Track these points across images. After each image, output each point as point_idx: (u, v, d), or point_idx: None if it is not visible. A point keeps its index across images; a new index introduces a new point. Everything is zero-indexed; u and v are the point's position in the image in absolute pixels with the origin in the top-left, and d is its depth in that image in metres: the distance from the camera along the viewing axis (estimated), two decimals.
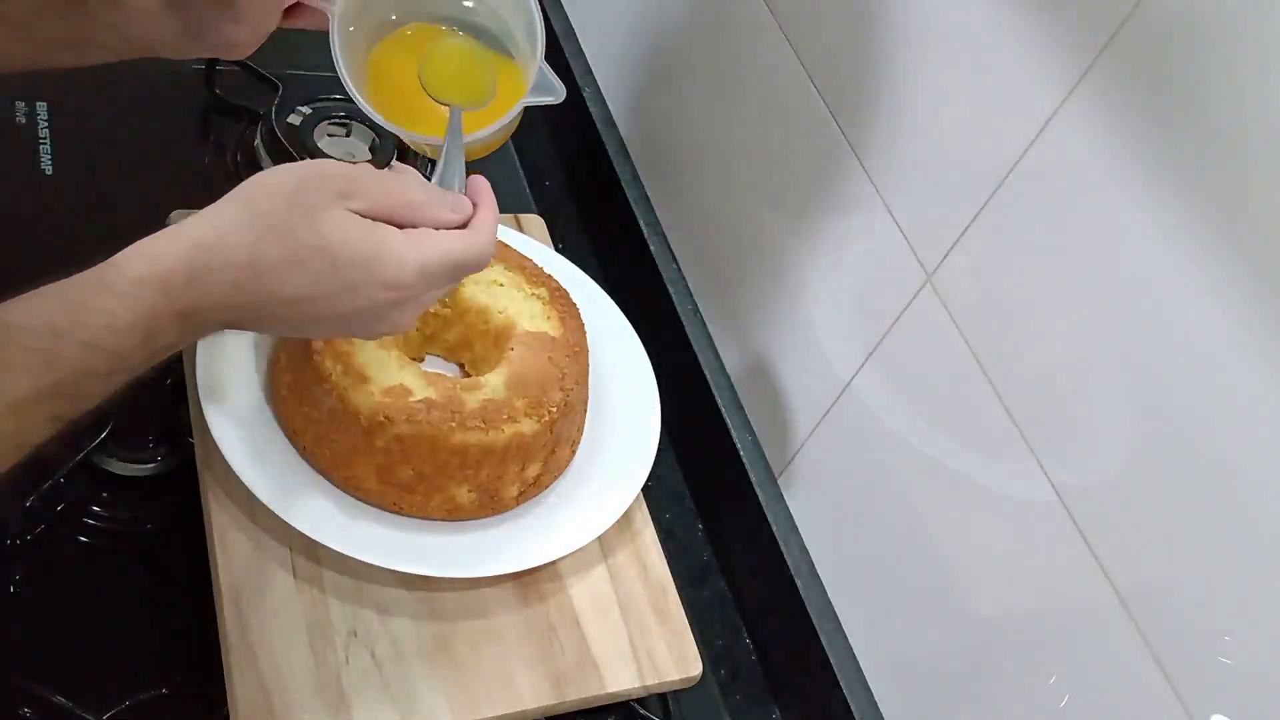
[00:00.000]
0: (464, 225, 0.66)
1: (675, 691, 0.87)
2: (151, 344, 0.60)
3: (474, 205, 0.68)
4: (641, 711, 0.86)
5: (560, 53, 1.22)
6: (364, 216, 0.62)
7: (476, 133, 0.75)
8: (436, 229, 0.65)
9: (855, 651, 0.90)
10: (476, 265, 0.66)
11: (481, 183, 0.70)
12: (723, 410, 1.00)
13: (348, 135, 1.10)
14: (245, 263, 0.60)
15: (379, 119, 0.73)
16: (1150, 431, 0.68)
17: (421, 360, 0.91)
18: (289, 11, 0.75)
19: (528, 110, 0.76)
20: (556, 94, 0.75)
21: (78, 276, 0.59)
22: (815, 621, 0.91)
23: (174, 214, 0.94)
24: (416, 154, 1.08)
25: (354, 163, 0.66)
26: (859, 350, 0.89)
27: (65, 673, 0.76)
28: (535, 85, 0.75)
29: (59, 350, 0.56)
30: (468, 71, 0.78)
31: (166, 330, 0.60)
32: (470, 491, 0.82)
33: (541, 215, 1.08)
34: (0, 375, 0.55)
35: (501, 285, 0.90)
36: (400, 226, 0.64)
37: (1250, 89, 0.62)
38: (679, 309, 1.06)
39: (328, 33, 0.75)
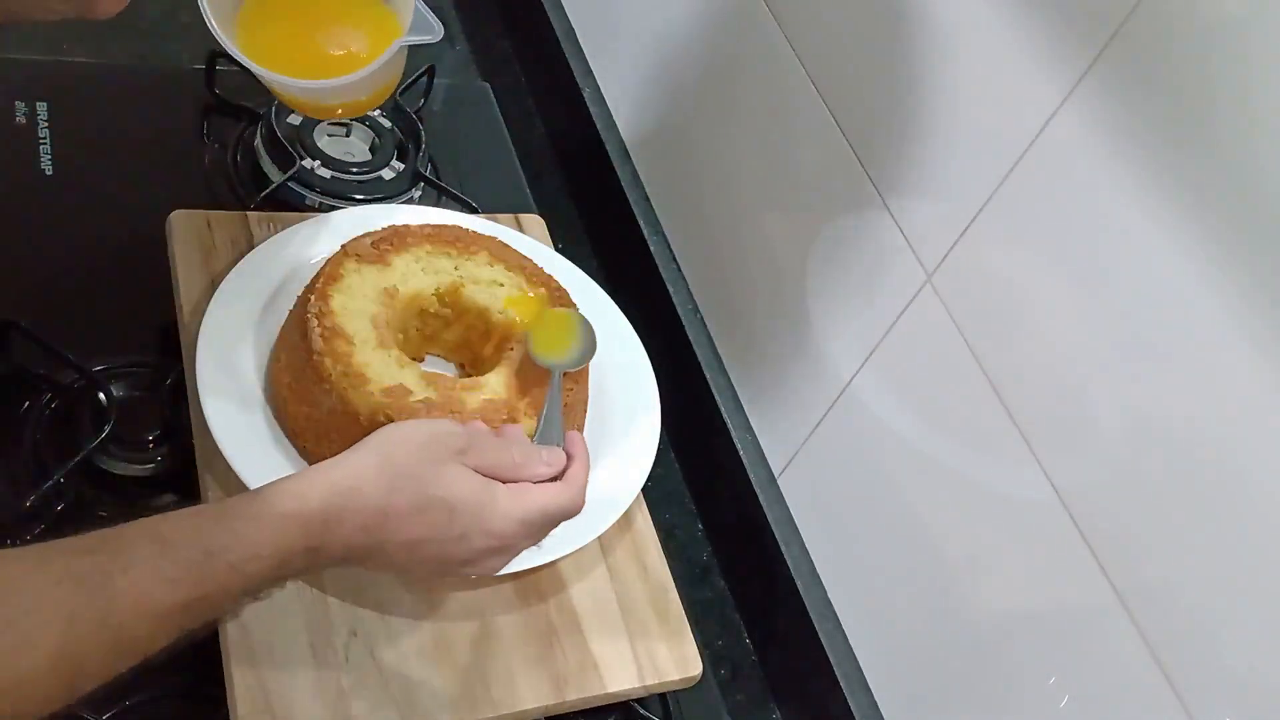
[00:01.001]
0: (559, 476, 0.74)
1: (675, 691, 0.87)
2: (281, 572, 0.66)
3: (570, 457, 0.75)
4: (641, 711, 0.86)
5: (560, 53, 1.22)
6: (475, 471, 0.70)
7: (356, 73, 0.75)
8: (535, 483, 0.73)
9: (855, 651, 0.90)
10: (568, 515, 0.74)
11: (577, 439, 0.77)
12: (723, 410, 1.00)
13: (347, 135, 1.10)
14: (376, 509, 0.67)
15: (246, 61, 0.73)
16: (1150, 431, 0.68)
17: (421, 360, 0.91)
18: None
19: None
20: (434, 33, 0.77)
21: (231, 501, 0.66)
22: (815, 621, 0.91)
23: (173, 214, 0.94)
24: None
25: (461, 421, 0.76)
26: (859, 350, 0.89)
27: None
28: (413, 25, 0.76)
29: (208, 568, 0.62)
30: (570, 336, 0.87)
31: (296, 561, 0.66)
32: None
33: (541, 215, 1.09)
34: (153, 585, 0.60)
35: (501, 285, 0.90)
36: (504, 481, 0.72)
37: (1250, 88, 0.62)
38: (679, 309, 1.06)
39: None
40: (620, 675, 0.83)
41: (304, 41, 0.80)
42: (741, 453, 0.99)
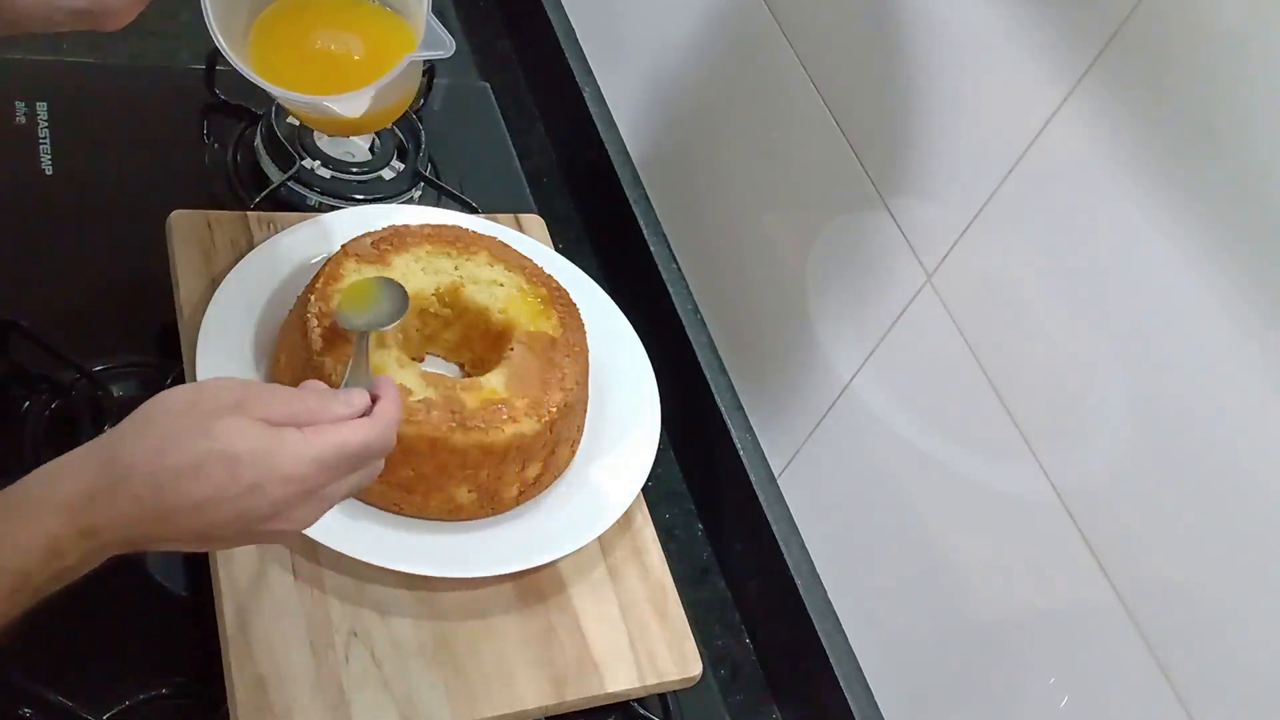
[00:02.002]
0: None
1: (675, 691, 0.87)
2: (54, 564, 0.60)
3: (377, 398, 0.68)
4: (641, 711, 0.86)
5: (561, 53, 1.22)
6: (261, 421, 0.63)
7: (364, 89, 0.75)
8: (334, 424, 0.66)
9: (855, 651, 0.90)
10: (377, 451, 0.67)
11: (387, 381, 0.70)
12: (723, 410, 1.00)
13: (347, 135, 1.10)
14: (147, 477, 0.61)
15: (257, 79, 0.73)
16: (1150, 431, 0.68)
17: (421, 360, 0.91)
18: None
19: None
20: (445, 48, 0.76)
21: None
22: (815, 621, 0.91)
23: (173, 214, 0.94)
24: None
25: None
26: (859, 350, 0.89)
27: (65, 673, 0.76)
28: (424, 41, 0.75)
29: None
30: (375, 299, 0.81)
31: (69, 550, 0.60)
32: (470, 491, 0.82)
33: (541, 215, 1.09)
34: None
35: (501, 285, 0.90)
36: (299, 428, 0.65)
37: (1249, 87, 0.62)
38: (679, 309, 1.06)
39: None
40: (620, 675, 0.83)
41: (316, 58, 0.80)
42: (741, 453, 0.99)
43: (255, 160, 1.06)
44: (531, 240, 1.01)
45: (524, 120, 1.26)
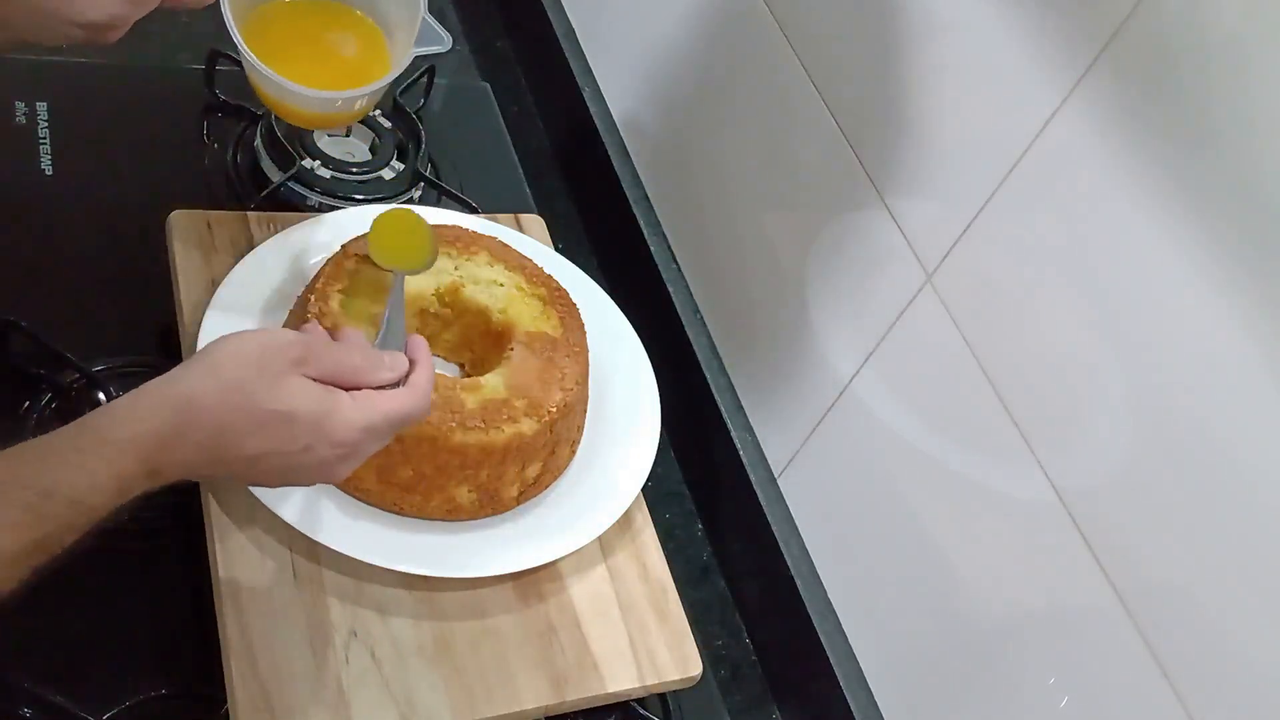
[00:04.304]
0: (402, 381, 0.73)
1: (675, 691, 0.87)
2: (122, 499, 0.64)
3: (413, 362, 0.74)
4: (641, 711, 0.86)
5: (560, 53, 1.22)
6: (314, 380, 0.69)
7: (358, 89, 0.81)
8: (378, 388, 0.72)
9: (855, 651, 0.90)
10: (415, 420, 0.73)
11: (419, 342, 0.76)
12: (723, 410, 1.00)
13: (347, 135, 1.10)
14: (212, 428, 0.66)
15: (268, 72, 0.79)
16: (1151, 431, 0.68)
17: None
18: None
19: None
20: (443, 43, 0.80)
21: (56, 434, 0.64)
22: (815, 621, 0.91)
23: (173, 214, 0.94)
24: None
25: (305, 326, 0.76)
26: (859, 350, 0.89)
27: (65, 673, 0.76)
28: (420, 35, 0.79)
29: (47, 508, 0.61)
30: (409, 239, 0.86)
31: (136, 486, 0.65)
32: (470, 491, 0.82)
33: (541, 215, 1.09)
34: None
35: (501, 285, 0.90)
36: (346, 389, 0.70)
37: (1249, 87, 0.62)
38: (679, 309, 1.06)
39: (211, 7, 0.79)
40: (620, 675, 0.83)
41: (309, 48, 0.85)
42: (741, 453, 0.99)
43: (255, 160, 1.06)
44: (531, 240, 1.01)
45: (524, 120, 1.26)
